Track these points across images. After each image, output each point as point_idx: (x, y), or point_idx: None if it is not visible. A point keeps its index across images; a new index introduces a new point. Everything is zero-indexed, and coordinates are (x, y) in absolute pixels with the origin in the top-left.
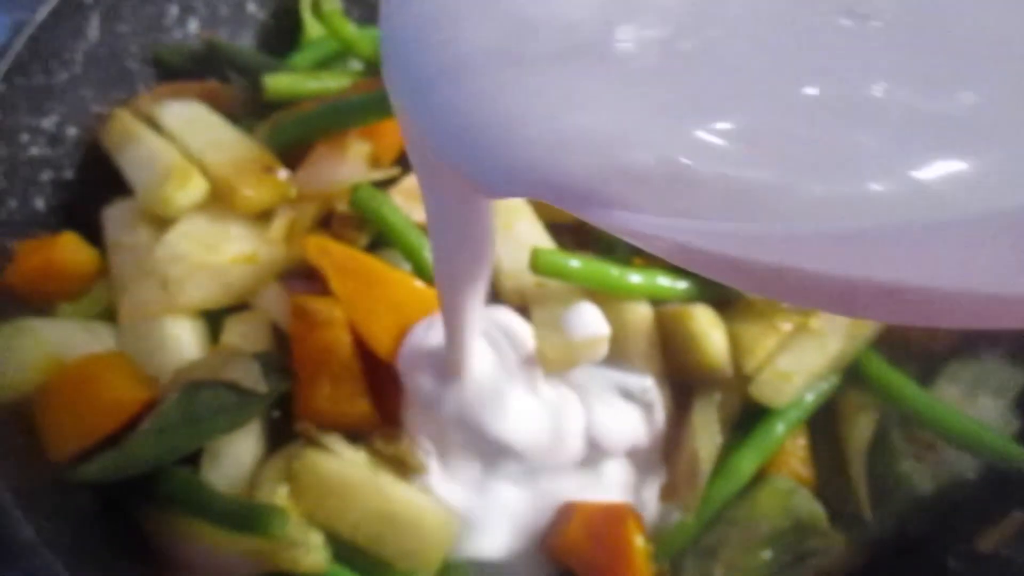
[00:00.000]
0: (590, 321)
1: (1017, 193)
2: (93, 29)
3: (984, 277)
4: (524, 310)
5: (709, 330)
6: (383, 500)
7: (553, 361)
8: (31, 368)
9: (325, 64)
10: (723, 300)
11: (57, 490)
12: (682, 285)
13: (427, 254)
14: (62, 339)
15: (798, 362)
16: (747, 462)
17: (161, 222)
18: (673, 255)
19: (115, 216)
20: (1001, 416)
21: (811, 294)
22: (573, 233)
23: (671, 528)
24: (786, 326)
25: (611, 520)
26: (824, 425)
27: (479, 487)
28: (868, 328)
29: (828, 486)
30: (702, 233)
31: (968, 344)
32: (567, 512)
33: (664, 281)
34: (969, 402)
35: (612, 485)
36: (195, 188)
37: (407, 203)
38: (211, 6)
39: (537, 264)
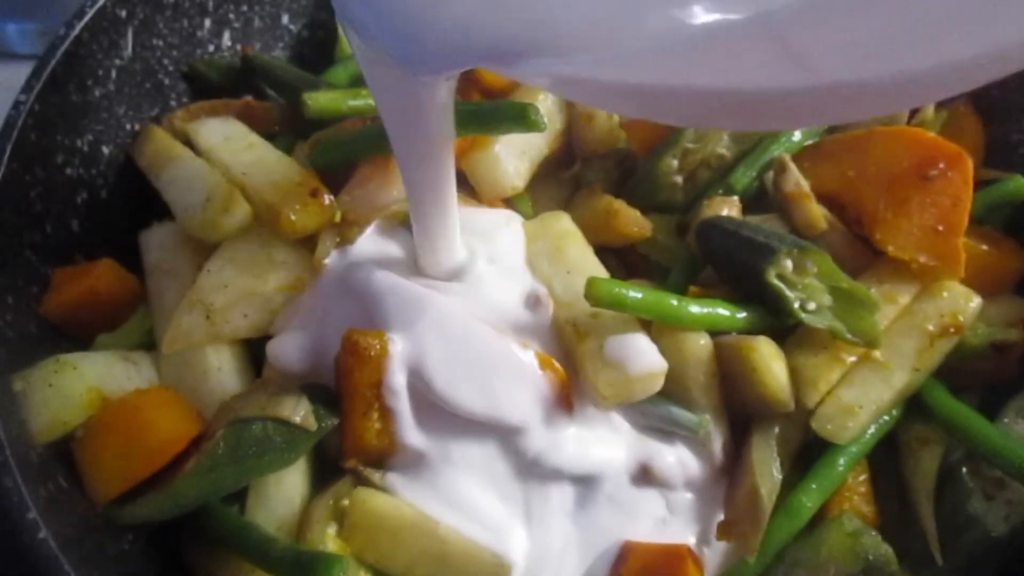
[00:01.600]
0: (646, 354)
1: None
2: (127, 44)
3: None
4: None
5: (770, 362)
6: (437, 541)
7: (608, 397)
8: (74, 406)
9: (361, 79)
10: (783, 331)
11: (102, 532)
12: (742, 315)
13: None
14: (103, 374)
15: (862, 395)
16: (809, 499)
17: (202, 246)
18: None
19: (154, 240)
20: None
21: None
22: (618, 256)
23: (731, 568)
24: (850, 358)
25: (669, 561)
26: (886, 461)
27: (533, 521)
28: (934, 358)
29: (892, 525)
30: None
31: None
32: (624, 553)
33: (723, 311)
34: None
35: (670, 522)
36: (239, 211)
37: None
38: (245, 19)
39: (594, 294)
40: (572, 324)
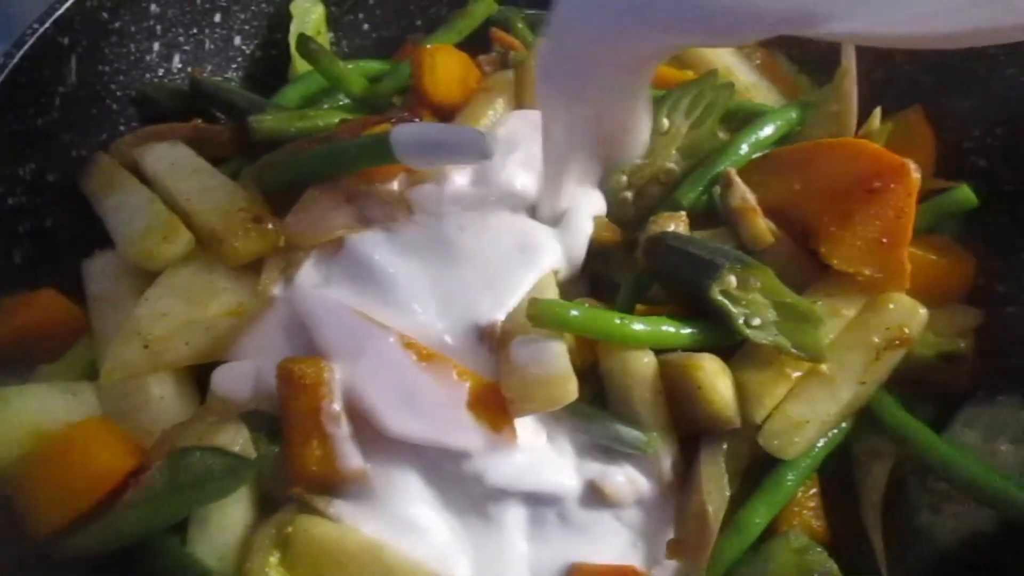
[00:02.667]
0: (552, 360)
1: None
2: (71, 71)
3: None
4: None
5: (715, 379)
6: (382, 568)
7: (512, 401)
8: (10, 442)
9: (314, 99)
10: (729, 347)
11: (40, 568)
12: (687, 332)
13: None
14: (42, 407)
15: (809, 410)
16: (758, 516)
17: (144, 275)
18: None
19: (96, 269)
20: (1021, 463)
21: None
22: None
23: None
24: (796, 373)
25: None
26: (838, 475)
27: (481, 544)
28: (882, 371)
29: (843, 540)
30: None
31: (985, 387)
32: (572, 575)
33: (668, 328)
34: (987, 448)
35: (619, 542)
36: (180, 240)
37: None
38: (196, 41)
39: (535, 314)
40: (497, 337)
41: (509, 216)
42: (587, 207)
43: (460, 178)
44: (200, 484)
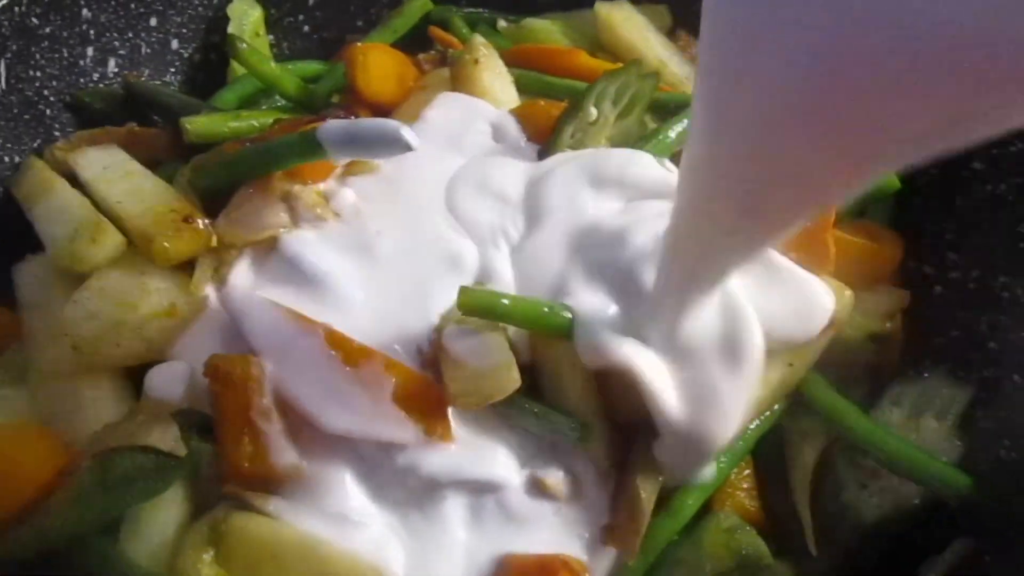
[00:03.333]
0: (493, 350)
1: None
2: (1, 76)
3: None
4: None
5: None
6: (318, 562)
7: (457, 395)
8: None
9: (251, 101)
10: None
11: None
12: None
13: None
14: None
15: None
16: (690, 498)
17: (75, 279)
18: None
19: (27, 274)
20: (945, 438)
21: None
22: None
23: (617, 573)
24: None
25: (544, 572)
26: (771, 455)
27: (419, 535)
28: (810, 353)
29: (776, 519)
30: None
31: (913, 363)
32: (504, 566)
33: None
34: (913, 424)
35: (558, 532)
36: (109, 242)
37: None
38: (131, 45)
39: (464, 302)
40: (438, 333)
41: (426, 218)
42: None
43: (371, 181)
44: (129, 483)
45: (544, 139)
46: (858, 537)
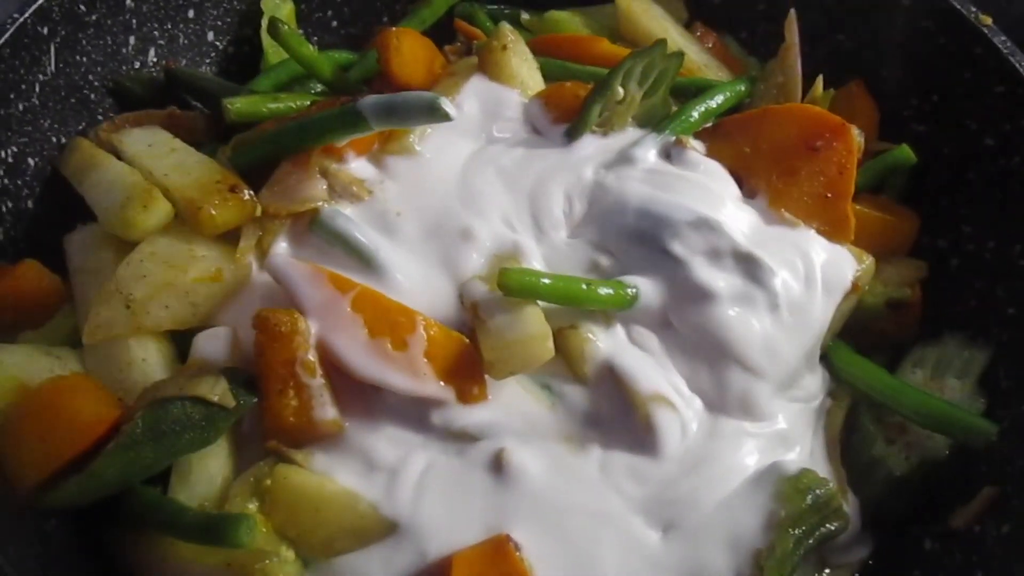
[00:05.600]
0: (527, 320)
1: None
2: (50, 60)
3: None
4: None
5: None
6: (356, 516)
7: (492, 363)
8: None
9: (286, 87)
10: None
11: (25, 519)
12: (648, 292)
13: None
14: (24, 364)
15: None
16: None
17: (125, 246)
18: None
19: (78, 241)
20: (968, 396)
21: None
22: None
23: None
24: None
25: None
26: None
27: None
28: (835, 318)
29: None
30: None
31: (932, 331)
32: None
33: (631, 291)
34: (935, 385)
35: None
36: (159, 209)
37: None
38: (170, 36)
39: (506, 283)
40: (471, 304)
41: (450, 202)
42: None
43: (404, 163)
44: (180, 433)
45: (570, 120)
46: (888, 488)
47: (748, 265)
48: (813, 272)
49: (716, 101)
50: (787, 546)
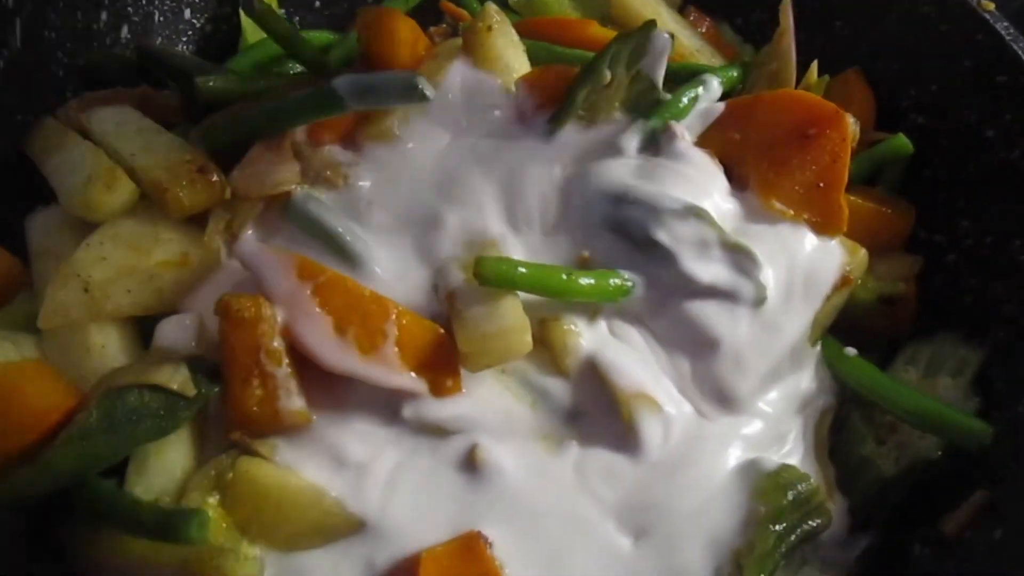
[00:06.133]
0: (506, 312)
1: None
2: (16, 35)
3: None
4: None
5: None
6: (321, 513)
7: (467, 355)
8: None
9: (264, 68)
10: None
11: None
12: (631, 284)
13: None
14: None
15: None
16: None
17: (88, 228)
18: None
19: (39, 223)
20: (962, 395)
21: None
22: None
23: None
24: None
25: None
26: None
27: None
28: (826, 312)
29: None
30: None
31: (926, 328)
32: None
33: (615, 281)
34: (928, 383)
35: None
36: (122, 190)
37: None
38: (144, 13)
39: (483, 272)
40: (448, 293)
41: (418, 185)
42: None
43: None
44: (137, 422)
45: (555, 106)
46: (877, 488)
47: (736, 256)
48: (800, 266)
49: (707, 87)
50: (768, 543)
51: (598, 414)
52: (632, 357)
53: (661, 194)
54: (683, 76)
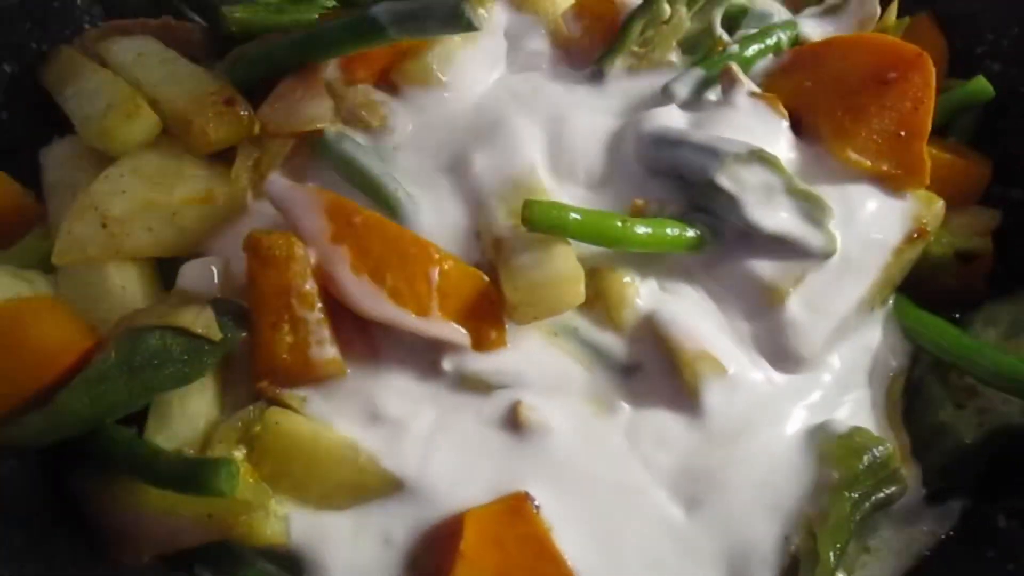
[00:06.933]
0: (557, 260)
1: None
2: None
3: None
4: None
5: None
6: (358, 471)
7: (516, 305)
8: None
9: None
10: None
11: None
12: (690, 233)
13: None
14: None
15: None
16: None
17: (106, 161)
18: None
19: (54, 155)
20: None
21: None
22: None
23: None
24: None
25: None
26: None
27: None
28: (900, 265)
29: None
30: None
31: (1004, 285)
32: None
33: (672, 231)
34: (1009, 344)
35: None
36: (144, 120)
37: None
38: None
39: (531, 217)
40: (494, 240)
41: (459, 127)
42: None
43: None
44: (157, 367)
45: (605, 37)
46: (956, 457)
47: (805, 205)
48: (872, 216)
49: (776, 40)
50: (844, 511)
51: (654, 374)
52: (694, 314)
53: (721, 138)
54: (743, 19)
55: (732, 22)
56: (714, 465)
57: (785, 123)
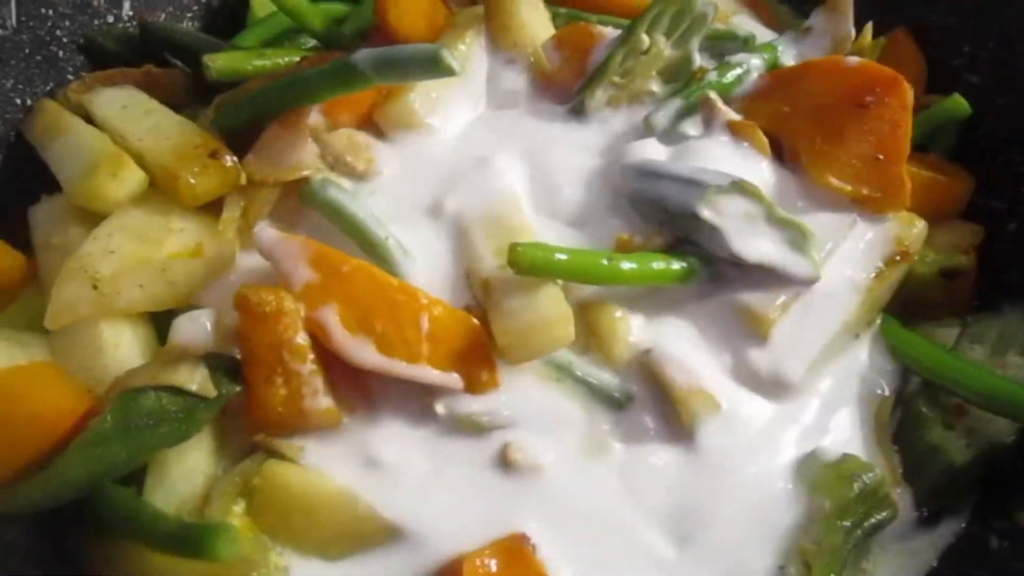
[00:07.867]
0: (545, 302)
1: None
2: (10, 13)
3: None
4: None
5: None
6: (355, 519)
7: (504, 348)
8: None
9: (274, 43)
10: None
11: None
12: (677, 266)
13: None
14: None
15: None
16: None
17: (95, 220)
18: None
19: (43, 215)
20: None
21: None
22: None
23: None
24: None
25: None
26: None
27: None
28: (884, 288)
29: None
30: None
31: (988, 301)
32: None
33: (659, 264)
34: (996, 362)
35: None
36: (130, 177)
37: None
38: None
39: (518, 261)
40: (482, 281)
41: (443, 167)
42: None
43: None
44: (153, 427)
45: (584, 68)
46: (947, 479)
47: (787, 232)
48: (854, 241)
49: (752, 66)
50: (837, 539)
51: (646, 409)
52: (685, 346)
53: (702, 169)
54: (722, 45)
55: (718, 46)
56: (706, 500)
57: (765, 151)
